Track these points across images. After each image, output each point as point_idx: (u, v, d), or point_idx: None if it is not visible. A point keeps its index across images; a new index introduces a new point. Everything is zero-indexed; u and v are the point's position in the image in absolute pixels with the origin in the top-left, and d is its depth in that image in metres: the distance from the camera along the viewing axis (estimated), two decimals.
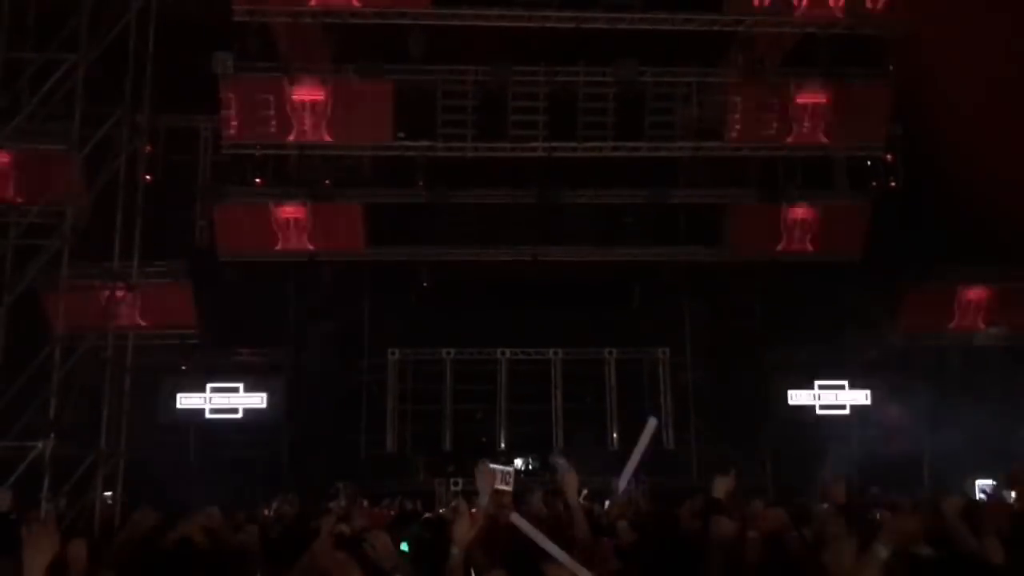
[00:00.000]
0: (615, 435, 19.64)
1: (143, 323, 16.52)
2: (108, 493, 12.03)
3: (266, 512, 12.02)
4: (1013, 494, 6.44)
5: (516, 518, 3.82)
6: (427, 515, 10.60)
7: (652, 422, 6.70)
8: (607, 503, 9.97)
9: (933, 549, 3.63)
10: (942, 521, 4.37)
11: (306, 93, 17.12)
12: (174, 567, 4.23)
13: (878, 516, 8.38)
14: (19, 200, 13.33)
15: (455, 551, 3.86)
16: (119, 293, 13.22)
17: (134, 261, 13.31)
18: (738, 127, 17.72)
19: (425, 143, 18.08)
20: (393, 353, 19.79)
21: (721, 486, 4.97)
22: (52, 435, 10.73)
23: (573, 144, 18.16)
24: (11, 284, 12.02)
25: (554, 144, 18.10)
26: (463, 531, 3.90)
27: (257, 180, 18.59)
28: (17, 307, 12.14)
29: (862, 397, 19.45)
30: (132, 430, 12.96)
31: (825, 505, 6.30)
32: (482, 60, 17.71)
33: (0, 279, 12.10)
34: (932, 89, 16.26)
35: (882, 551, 3.22)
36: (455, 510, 4.27)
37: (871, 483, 15.70)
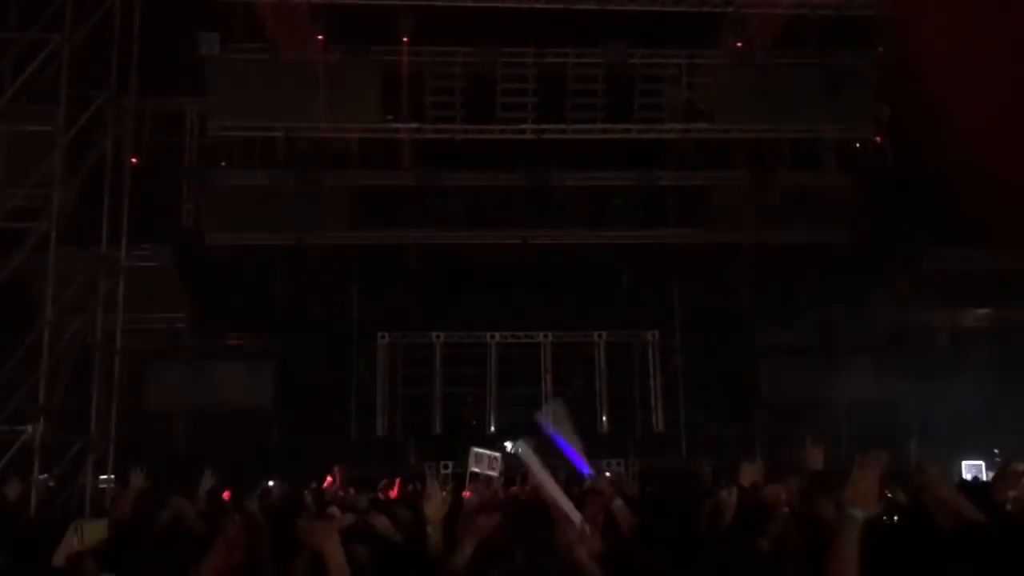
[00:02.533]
0: (605, 418, 19.67)
1: (130, 308, 16.37)
2: (104, 477, 11.97)
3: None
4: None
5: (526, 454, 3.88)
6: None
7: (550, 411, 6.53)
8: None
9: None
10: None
11: (293, 75, 16.98)
12: (167, 548, 4.19)
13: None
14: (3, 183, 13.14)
15: (430, 529, 3.94)
16: (106, 277, 13.09)
17: (121, 245, 13.18)
18: (727, 109, 17.70)
19: (413, 125, 18.01)
20: (383, 337, 19.71)
21: (749, 473, 4.90)
22: (42, 420, 10.64)
23: (562, 126, 18.15)
24: None
25: (543, 126, 18.08)
26: (435, 510, 3.99)
27: (244, 163, 18.48)
28: (3, 291, 12.01)
29: (851, 379, 19.49)
30: (121, 415, 12.87)
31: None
32: (471, 41, 17.63)
33: None
34: (920, 69, 16.29)
35: (857, 513, 3.11)
36: (427, 491, 4.30)
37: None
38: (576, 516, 3.78)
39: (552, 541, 3.83)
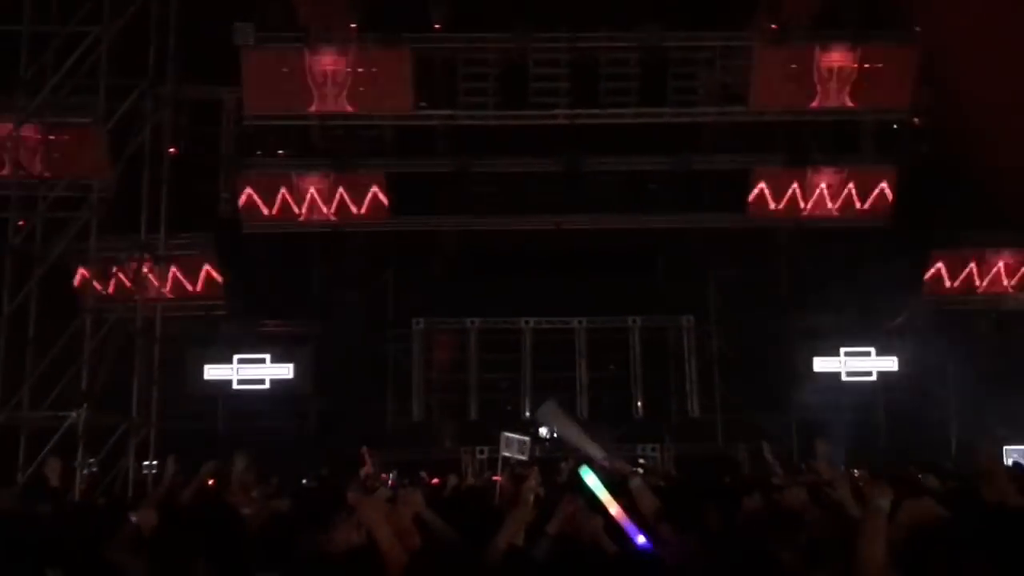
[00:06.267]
0: (640, 404, 19.65)
1: (170, 295, 16.66)
2: (146, 463, 12.22)
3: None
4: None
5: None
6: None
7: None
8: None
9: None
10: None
11: (327, 63, 17.07)
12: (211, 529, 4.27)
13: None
14: (47, 174, 13.39)
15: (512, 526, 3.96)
16: (146, 265, 13.33)
17: (161, 233, 13.40)
18: (763, 91, 17.50)
19: (447, 112, 18.01)
20: (418, 323, 19.83)
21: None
22: (85, 405, 10.88)
23: (596, 111, 18.02)
24: (41, 257, 12.13)
25: (577, 111, 17.97)
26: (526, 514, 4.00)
27: (280, 151, 18.64)
28: (47, 279, 12.27)
29: (889, 364, 19.30)
30: (161, 401, 13.12)
31: None
32: (503, 27, 17.58)
33: (30, 252, 12.21)
34: (958, 51, 16.01)
35: (883, 503, 3.22)
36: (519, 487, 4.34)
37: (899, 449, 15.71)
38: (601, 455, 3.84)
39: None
